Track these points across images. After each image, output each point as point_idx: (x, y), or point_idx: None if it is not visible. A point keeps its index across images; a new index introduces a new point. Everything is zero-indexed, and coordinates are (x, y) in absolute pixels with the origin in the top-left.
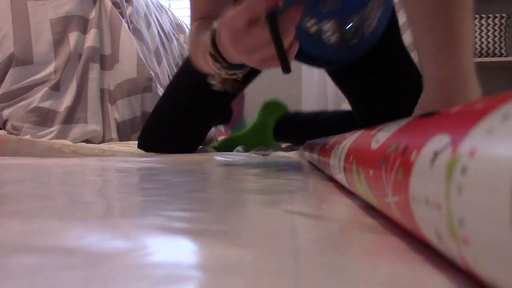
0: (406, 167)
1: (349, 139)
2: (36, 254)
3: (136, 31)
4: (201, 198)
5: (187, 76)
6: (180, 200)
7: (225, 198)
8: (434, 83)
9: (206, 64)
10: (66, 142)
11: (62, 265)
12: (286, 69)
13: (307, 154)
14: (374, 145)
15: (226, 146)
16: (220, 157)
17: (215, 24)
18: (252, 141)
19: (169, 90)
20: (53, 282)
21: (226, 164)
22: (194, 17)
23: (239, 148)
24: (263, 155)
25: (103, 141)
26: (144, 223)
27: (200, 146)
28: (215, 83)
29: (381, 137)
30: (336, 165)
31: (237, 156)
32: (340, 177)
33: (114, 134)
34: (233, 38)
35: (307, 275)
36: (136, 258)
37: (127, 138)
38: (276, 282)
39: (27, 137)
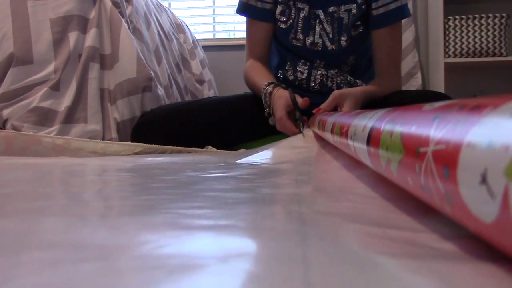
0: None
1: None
2: (53, 249)
3: (136, 31)
4: (208, 197)
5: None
6: (187, 198)
7: (231, 196)
8: (361, 92)
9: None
10: (69, 137)
11: (79, 258)
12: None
13: (317, 129)
14: (427, 107)
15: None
16: (222, 156)
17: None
18: None
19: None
20: (72, 274)
21: (229, 163)
22: (248, 56)
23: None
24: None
25: (103, 140)
26: (154, 219)
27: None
28: (267, 114)
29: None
30: (360, 128)
31: (240, 154)
32: (362, 135)
33: (114, 134)
34: (278, 125)
35: (316, 262)
36: (149, 250)
37: (127, 138)
38: (285, 268)
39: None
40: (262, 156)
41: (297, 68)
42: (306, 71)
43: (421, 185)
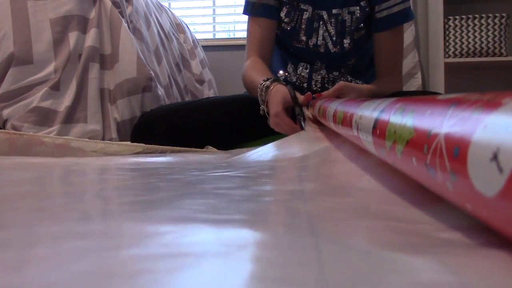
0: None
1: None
2: (84, 239)
3: (136, 31)
4: (217, 194)
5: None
6: (197, 196)
7: (239, 194)
8: (366, 89)
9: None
10: (69, 137)
11: (112, 246)
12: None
13: (317, 114)
14: (442, 97)
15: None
16: (223, 155)
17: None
18: None
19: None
20: (110, 261)
21: (231, 162)
22: (249, 55)
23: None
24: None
25: (103, 140)
26: (171, 214)
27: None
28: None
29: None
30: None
31: (241, 153)
32: (366, 121)
33: (114, 134)
34: (272, 121)
35: (327, 250)
36: (174, 238)
37: (127, 138)
38: (299, 255)
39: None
40: (264, 154)
41: (298, 71)
42: (307, 73)
43: (426, 164)
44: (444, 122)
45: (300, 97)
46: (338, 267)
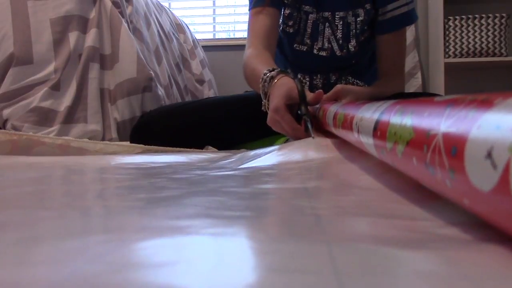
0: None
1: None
2: (113, 232)
3: (136, 31)
4: (226, 192)
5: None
6: (207, 193)
7: (246, 192)
8: (365, 92)
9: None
10: (68, 138)
11: (138, 238)
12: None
13: (320, 113)
14: (439, 99)
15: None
16: (224, 155)
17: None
18: None
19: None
20: (142, 251)
21: (234, 162)
22: (252, 43)
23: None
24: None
25: (103, 140)
26: (186, 211)
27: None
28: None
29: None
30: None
31: (241, 154)
32: (367, 124)
33: (114, 134)
34: (270, 118)
35: (336, 243)
36: (195, 230)
37: (127, 138)
38: (310, 248)
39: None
40: (266, 154)
41: (299, 76)
42: (308, 76)
43: (425, 163)
44: (441, 123)
45: (309, 95)
46: (347, 259)
